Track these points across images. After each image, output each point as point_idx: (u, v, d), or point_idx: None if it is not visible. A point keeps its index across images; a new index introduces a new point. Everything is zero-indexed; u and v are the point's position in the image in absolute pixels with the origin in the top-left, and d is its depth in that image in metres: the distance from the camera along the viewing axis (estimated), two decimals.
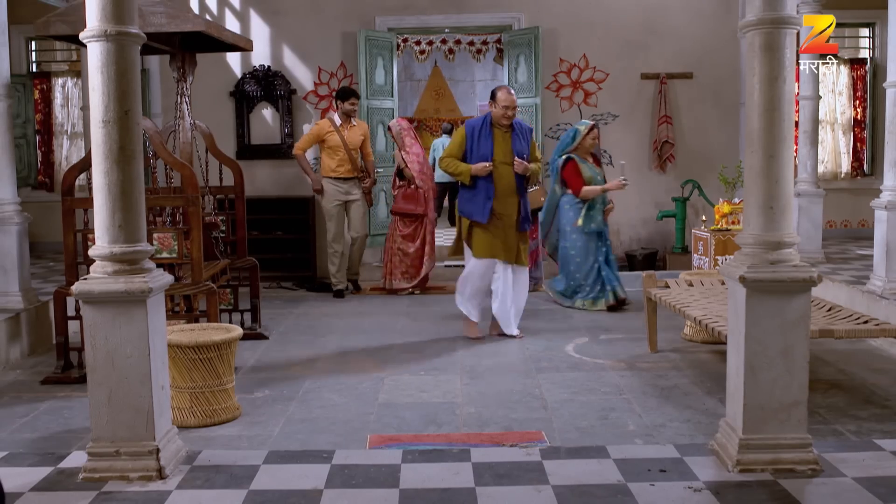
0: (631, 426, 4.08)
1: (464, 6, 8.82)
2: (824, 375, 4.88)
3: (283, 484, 3.39)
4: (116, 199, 3.34)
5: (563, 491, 3.28)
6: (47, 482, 3.43)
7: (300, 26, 8.82)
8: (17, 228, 5.67)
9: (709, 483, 3.34)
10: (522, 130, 5.89)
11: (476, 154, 5.73)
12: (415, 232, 7.77)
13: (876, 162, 9.76)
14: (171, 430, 3.64)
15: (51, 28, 4.92)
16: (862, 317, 4.61)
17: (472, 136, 5.77)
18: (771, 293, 3.37)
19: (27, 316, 5.66)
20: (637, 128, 8.91)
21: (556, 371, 5.08)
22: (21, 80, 9.47)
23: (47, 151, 9.94)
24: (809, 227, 7.76)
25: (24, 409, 4.48)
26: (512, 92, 5.82)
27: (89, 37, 3.29)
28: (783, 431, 3.43)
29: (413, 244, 7.79)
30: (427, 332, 6.23)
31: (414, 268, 7.83)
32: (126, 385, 3.41)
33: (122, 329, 3.38)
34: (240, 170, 6.10)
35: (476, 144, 5.75)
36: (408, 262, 7.80)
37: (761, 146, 3.36)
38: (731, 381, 3.58)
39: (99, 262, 3.41)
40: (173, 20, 4.95)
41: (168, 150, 5.19)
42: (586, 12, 8.77)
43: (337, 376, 5.03)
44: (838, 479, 3.36)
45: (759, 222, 3.39)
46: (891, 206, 5.78)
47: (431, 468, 3.53)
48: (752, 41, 3.35)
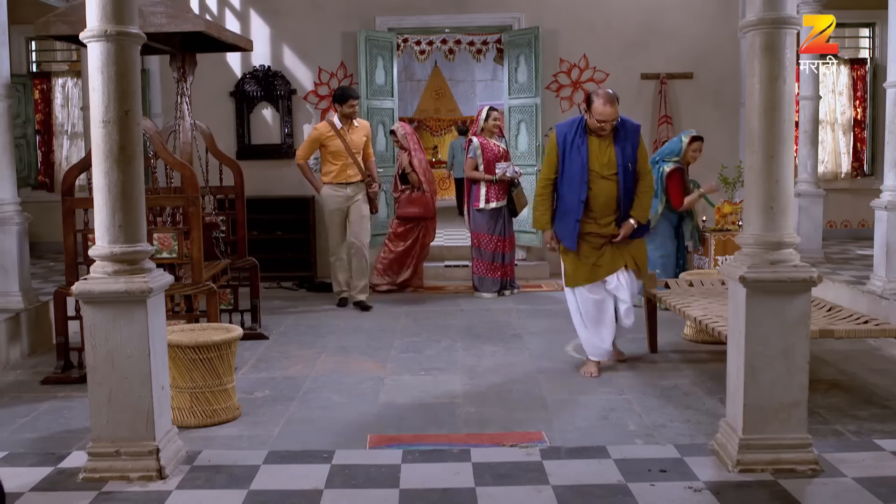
0: (631, 426, 4.08)
1: (464, 6, 8.81)
2: (824, 375, 4.88)
3: (283, 484, 3.39)
4: (116, 199, 3.34)
5: (564, 491, 3.28)
6: (47, 482, 3.43)
7: (300, 26, 8.82)
8: (18, 228, 5.67)
9: (709, 483, 3.34)
10: (628, 132, 4.81)
11: (568, 168, 4.75)
12: (408, 233, 7.76)
13: (876, 162, 9.76)
14: (171, 431, 3.64)
15: (51, 28, 4.92)
16: (862, 317, 4.61)
17: (563, 145, 4.79)
18: (771, 293, 3.37)
19: (27, 316, 5.66)
20: None
21: (556, 371, 5.08)
22: (21, 80, 9.48)
23: (47, 151, 9.95)
24: (809, 228, 7.77)
25: (24, 409, 4.48)
26: (615, 103, 4.72)
27: (89, 37, 3.29)
28: (783, 431, 3.43)
29: (403, 244, 7.77)
30: (427, 332, 6.22)
31: (395, 267, 7.80)
32: (126, 385, 3.41)
33: (123, 329, 3.38)
34: (240, 170, 6.10)
35: (569, 155, 4.75)
36: (390, 258, 7.79)
37: (761, 146, 3.36)
38: (732, 382, 3.58)
39: (99, 262, 3.41)
40: (173, 20, 4.95)
41: (168, 151, 5.19)
42: (586, 12, 8.76)
43: (337, 376, 5.03)
44: (839, 479, 3.36)
45: (760, 222, 3.39)
46: (891, 207, 5.78)
47: (431, 468, 3.53)
48: (753, 41, 3.35)
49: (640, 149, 4.83)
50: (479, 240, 7.53)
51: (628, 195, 4.81)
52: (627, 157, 4.76)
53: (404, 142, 7.66)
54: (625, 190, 4.78)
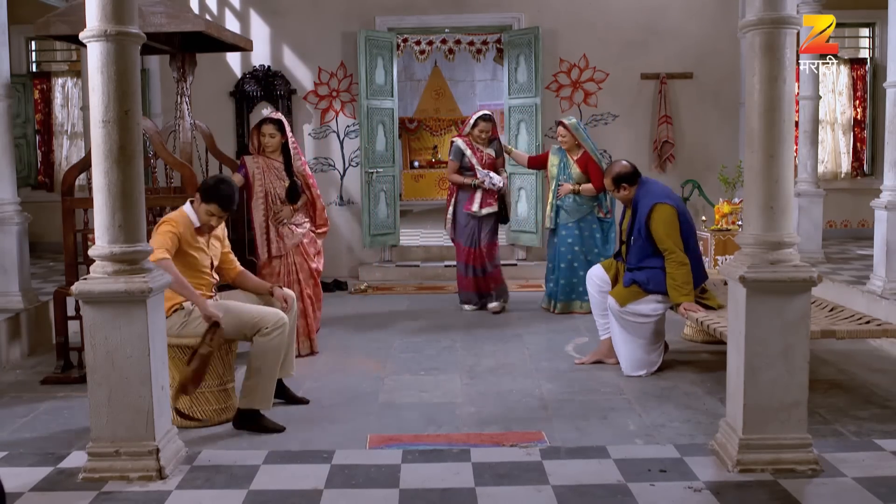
0: (631, 426, 4.08)
1: (464, 6, 8.81)
2: (824, 375, 4.88)
3: (283, 484, 3.39)
4: (116, 199, 3.33)
5: (564, 491, 3.27)
6: (47, 482, 3.43)
7: (300, 26, 8.82)
8: (17, 228, 5.67)
9: (709, 483, 3.33)
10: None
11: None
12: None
13: (876, 162, 9.77)
14: (171, 430, 3.63)
15: (51, 28, 4.92)
16: (864, 317, 4.61)
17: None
18: (771, 293, 3.37)
19: (27, 316, 5.66)
20: (637, 128, 8.91)
21: (555, 371, 5.08)
22: (21, 80, 9.47)
23: (47, 151, 9.95)
24: (809, 227, 7.76)
25: (24, 409, 4.48)
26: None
27: (89, 37, 3.29)
28: (783, 431, 3.43)
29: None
30: (427, 331, 6.22)
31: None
32: (126, 385, 3.40)
33: (122, 329, 3.37)
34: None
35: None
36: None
37: (761, 146, 3.35)
38: (732, 382, 3.57)
39: (99, 262, 3.40)
40: (173, 20, 4.94)
41: (168, 150, 5.19)
42: (586, 12, 8.77)
43: (337, 376, 5.03)
44: (839, 479, 3.35)
45: (760, 222, 3.39)
46: (891, 206, 5.78)
47: (431, 468, 3.53)
48: (753, 41, 3.35)
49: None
50: (457, 250, 6.97)
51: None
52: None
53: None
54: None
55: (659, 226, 4.86)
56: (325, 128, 8.93)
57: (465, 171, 6.81)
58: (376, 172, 8.59)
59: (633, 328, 4.94)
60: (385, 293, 7.96)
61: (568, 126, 6.62)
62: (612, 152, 8.78)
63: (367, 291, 8.03)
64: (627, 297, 4.92)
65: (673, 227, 4.85)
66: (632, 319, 4.93)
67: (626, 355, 4.97)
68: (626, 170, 5.10)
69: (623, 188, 5.08)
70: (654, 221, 4.88)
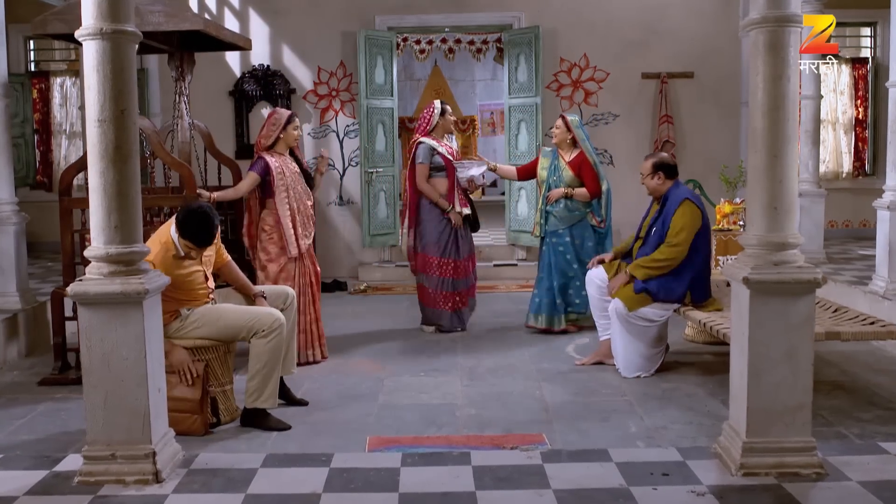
0: (633, 428, 4.04)
1: (464, 5, 8.78)
2: (827, 377, 4.84)
3: (281, 488, 3.35)
4: (112, 199, 3.30)
5: (565, 495, 3.24)
6: (42, 486, 3.39)
7: (300, 25, 8.79)
8: (15, 228, 5.64)
9: (712, 487, 3.30)
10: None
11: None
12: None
13: (878, 162, 9.74)
14: (167, 434, 3.59)
15: (48, 27, 4.88)
16: (868, 318, 4.57)
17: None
18: (775, 295, 3.33)
19: (25, 316, 5.63)
20: (638, 127, 8.87)
21: (556, 372, 5.04)
22: (19, 80, 9.43)
23: (45, 151, 9.91)
24: (811, 227, 7.72)
25: (21, 410, 4.44)
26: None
27: (85, 35, 3.26)
28: (787, 435, 3.39)
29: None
30: (427, 332, 6.18)
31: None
32: (122, 387, 3.36)
33: (119, 331, 3.34)
34: (239, 170, 6.04)
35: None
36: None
37: (765, 146, 3.32)
38: (735, 384, 3.54)
39: (95, 263, 3.37)
40: (171, 19, 4.91)
41: (166, 150, 5.15)
42: (587, 12, 8.73)
43: (337, 377, 5.00)
44: (843, 483, 3.32)
45: (763, 223, 3.35)
46: (893, 206, 5.75)
47: (431, 471, 3.49)
48: (756, 39, 3.31)
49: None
50: (426, 263, 6.12)
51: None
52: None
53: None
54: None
55: (680, 219, 4.87)
56: (324, 127, 8.89)
57: (435, 172, 6.10)
58: (376, 172, 8.55)
59: (636, 331, 4.90)
60: (385, 293, 7.93)
61: (568, 121, 6.12)
62: (613, 152, 8.76)
63: (366, 292, 8.00)
64: (635, 302, 4.89)
65: (692, 226, 4.85)
66: (637, 323, 4.90)
67: (625, 357, 4.94)
68: (671, 161, 5.10)
69: (658, 177, 5.03)
70: (678, 214, 4.89)
